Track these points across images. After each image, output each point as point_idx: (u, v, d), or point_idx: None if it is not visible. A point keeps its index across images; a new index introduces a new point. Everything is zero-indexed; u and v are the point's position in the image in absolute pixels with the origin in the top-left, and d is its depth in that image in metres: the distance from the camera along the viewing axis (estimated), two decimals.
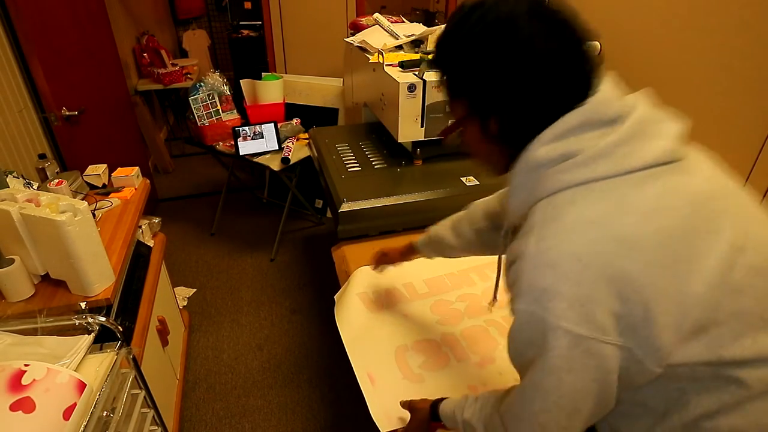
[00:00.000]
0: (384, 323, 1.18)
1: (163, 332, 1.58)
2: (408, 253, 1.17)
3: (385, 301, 1.25)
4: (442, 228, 1.06)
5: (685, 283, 0.53)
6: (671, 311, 0.53)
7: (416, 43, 1.99)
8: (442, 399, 0.86)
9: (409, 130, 1.60)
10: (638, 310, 0.53)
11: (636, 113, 0.58)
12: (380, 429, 0.93)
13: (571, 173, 0.57)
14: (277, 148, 2.44)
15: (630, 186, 0.55)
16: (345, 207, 1.45)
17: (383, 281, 1.30)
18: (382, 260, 1.23)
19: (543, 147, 0.58)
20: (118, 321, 1.17)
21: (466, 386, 1.03)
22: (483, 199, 1.01)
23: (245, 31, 4.88)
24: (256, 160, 2.40)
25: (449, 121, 0.69)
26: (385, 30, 2.06)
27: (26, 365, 0.85)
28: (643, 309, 0.53)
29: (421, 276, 1.33)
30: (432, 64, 0.68)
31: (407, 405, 0.94)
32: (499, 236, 0.80)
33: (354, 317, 1.19)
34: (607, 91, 0.59)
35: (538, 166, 0.59)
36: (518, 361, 0.63)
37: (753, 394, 0.55)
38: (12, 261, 1.09)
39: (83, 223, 1.08)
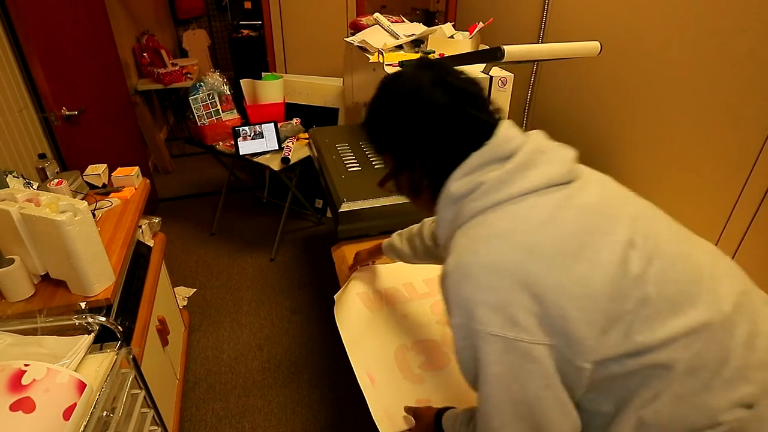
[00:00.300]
0: (384, 323, 1.18)
1: (163, 332, 1.58)
2: (376, 253, 1.26)
3: (385, 301, 1.25)
4: (399, 239, 1.18)
5: (585, 279, 0.60)
6: (580, 306, 0.59)
7: (416, 43, 1.99)
8: (447, 408, 0.87)
9: None
10: (553, 309, 0.59)
11: (526, 147, 0.69)
12: (380, 430, 0.93)
13: (479, 201, 0.67)
14: (277, 148, 2.44)
15: (527, 205, 0.65)
16: (345, 207, 1.45)
17: (383, 281, 1.30)
18: (356, 260, 1.32)
19: (455, 183, 0.70)
20: (118, 321, 1.17)
21: (466, 387, 1.03)
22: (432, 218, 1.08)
23: (245, 31, 4.88)
24: (256, 160, 2.40)
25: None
26: (385, 30, 2.06)
27: (26, 365, 0.85)
28: (557, 308, 0.59)
29: (421, 276, 1.33)
30: (362, 128, 0.81)
31: (412, 411, 0.95)
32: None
33: (354, 317, 1.19)
34: (503, 133, 0.70)
35: (454, 200, 0.70)
36: (469, 379, 0.68)
37: (678, 374, 0.60)
38: (12, 261, 1.09)
39: (83, 223, 1.08)
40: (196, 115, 2.50)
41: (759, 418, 0.60)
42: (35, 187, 1.45)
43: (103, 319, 1.05)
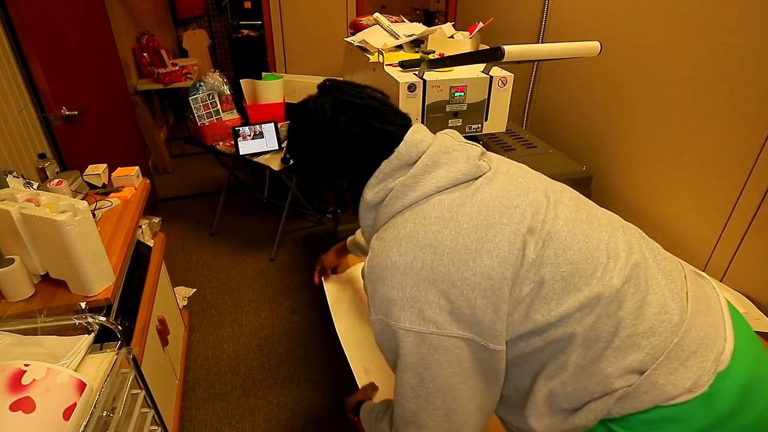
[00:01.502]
0: None
1: (163, 332, 1.58)
2: (342, 251, 1.30)
3: None
4: (359, 235, 1.22)
5: (487, 270, 0.64)
6: (486, 296, 0.64)
7: (416, 43, 1.99)
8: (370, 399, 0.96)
9: None
10: (460, 302, 0.64)
11: (431, 150, 0.73)
12: None
13: (390, 206, 0.72)
14: (277, 147, 2.44)
15: (431, 205, 0.69)
16: None
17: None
18: (323, 264, 1.32)
19: (370, 192, 0.75)
20: (118, 321, 1.17)
21: None
22: None
23: (245, 31, 4.88)
24: (256, 159, 2.40)
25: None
26: (385, 30, 2.06)
27: (26, 365, 0.85)
28: (464, 300, 0.64)
29: None
30: (286, 152, 0.85)
31: (371, 386, 1.02)
32: None
33: (349, 309, 1.19)
34: (410, 139, 0.74)
35: (371, 207, 0.76)
36: (391, 366, 0.73)
37: (576, 346, 0.66)
38: (12, 261, 1.09)
39: (83, 223, 1.08)
40: (196, 115, 2.50)
41: (651, 383, 0.65)
42: (35, 187, 1.45)
43: (103, 319, 1.05)
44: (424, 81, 1.52)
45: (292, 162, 0.81)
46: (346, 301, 1.22)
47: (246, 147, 2.41)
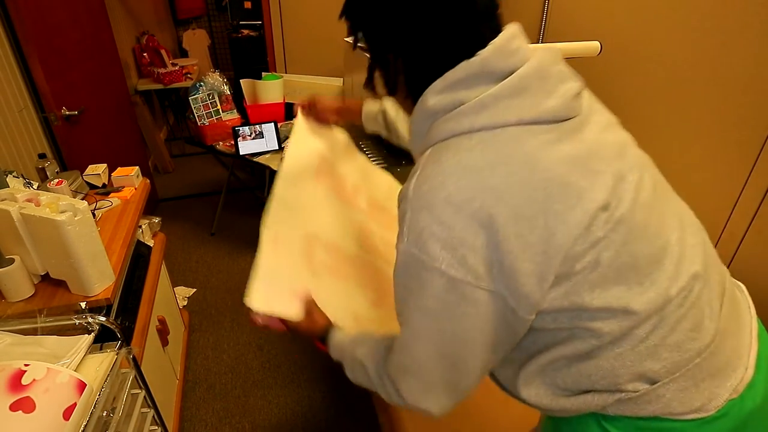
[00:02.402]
0: (316, 202, 1.01)
1: (163, 332, 1.58)
2: (345, 114, 1.10)
3: (330, 182, 1.05)
4: (392, 111, 1.06)
5: (547, 234, 0.55)
6: (535, 261, 0.56)
7: None
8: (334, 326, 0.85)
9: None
10: (506, 258, 0.56)
11: (524, 69, 0.59)
12: (250, 298, 0.82)
13: (455, 122, 0.59)
14: (277, 147, 2.44)
15: (505, 140, 0.58)
16: None
17: (342, 161, 1.12)
18: (315, 106, 1.10)
19: (434, 97, 0.61)
20: (118, 321, 1.18)
21: (352, 315, 0.95)
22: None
23: (245, 31, 4.88)
24: (256, 159, 2.40)
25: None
26: None
27: (26, 365, 0.85)
28: (511, 257, 0.56)
29: (374, 194, 1.16)
30: (342, 17, 0.71)
31: (310, 305, 0.89)
32: None
33: (299, 176, 0.99)
34: (503, 45, 0.60)
35: (430, 115, 0.62)
36: (400, 307, 0.65)
37: (601, 341, 0.60)
38: (12, 261, 1.09)
39: (83, 223, 1.08)
40: (196, 115, 2.50)
41: (657, 395, 0.61)
42: (35, 187, 1.45)
43: (103, 319, 1.05)
44: None
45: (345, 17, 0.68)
46: (303, 164, 1.01)
47: (246, 147, 2.41)
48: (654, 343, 0.60)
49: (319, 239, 0.98)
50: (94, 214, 1.41)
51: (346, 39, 2.18)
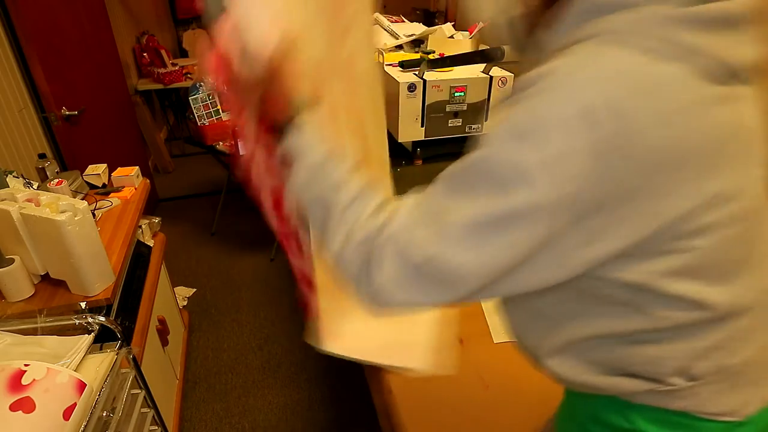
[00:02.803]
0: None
1: (163, 332, 1.58)
2: None
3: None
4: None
5: (675, 201, 0.46)
6: (641, 221, 0.46)
7: (416, 43, 1.99)
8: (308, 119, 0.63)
9: (409, 129, 1.60)
10: (607, 218, 0.46)
11: (732, 1, 0.45)
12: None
13: (621, 32, 0.45)
14: None
15: (676, 74, 0.44)
16: None
17: None
18: None
19: None
20: (118, 321, 1.18)
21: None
22: None
23: None
24: None
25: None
26: (385, 30, 2.06)
27: (26, 365, 0.85)
28: (616, 199, 0.45)
29: None
30: None
31: (290, 47, 0.63)
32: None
33: None
34: None
35: (596, 8, 0.47)
36: (453, 173, 0.51)
37: (656, 329, 0.53)
38: (12, 261, 1.09)
39: (83, 223, 1.08)
40: (196, 115, 2.50)
41: (693, 393, 0.57)
42: (35, 187, 1.45)
43: (103, 318, 1.05)
44: (424, 81, 1.52)
45: None
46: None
47: None
48: (713, 344, 0.55)
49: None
50: (94, 214, 1.41)
51: None
